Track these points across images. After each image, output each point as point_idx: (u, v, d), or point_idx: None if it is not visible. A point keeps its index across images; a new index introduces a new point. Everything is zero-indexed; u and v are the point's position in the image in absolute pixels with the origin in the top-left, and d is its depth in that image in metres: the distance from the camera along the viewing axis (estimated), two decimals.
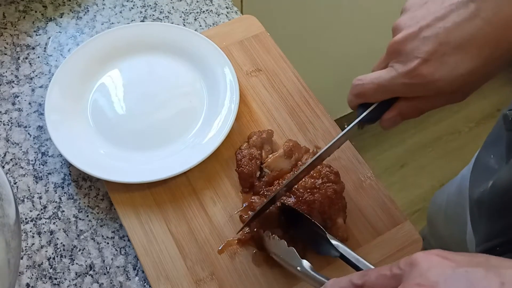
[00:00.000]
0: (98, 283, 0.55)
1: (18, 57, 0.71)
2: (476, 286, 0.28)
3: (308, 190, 0.54)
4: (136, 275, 0.56)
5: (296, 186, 0.55)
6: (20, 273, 0.55)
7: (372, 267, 0.44)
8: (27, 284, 0.55)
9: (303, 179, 0.55)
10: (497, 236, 0.53)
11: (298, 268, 0.46)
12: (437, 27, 0.41)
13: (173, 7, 0.77)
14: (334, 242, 0.48)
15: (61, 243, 0.57)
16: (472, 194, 0.61)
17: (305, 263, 0.45)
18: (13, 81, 0.69)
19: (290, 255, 0.47)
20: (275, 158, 0.59)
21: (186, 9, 0.77)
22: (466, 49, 0.40)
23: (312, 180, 0.55)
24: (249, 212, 0.57)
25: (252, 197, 0.58)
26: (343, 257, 0.47)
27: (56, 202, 0.60)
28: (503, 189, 0.51)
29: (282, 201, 0.54)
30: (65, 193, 0.61)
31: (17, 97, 0.68)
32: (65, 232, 0.58)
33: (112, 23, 0.75)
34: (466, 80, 0.41)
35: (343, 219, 0.56)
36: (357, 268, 0.45)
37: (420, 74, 0.41)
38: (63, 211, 0.59)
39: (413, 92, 0.44)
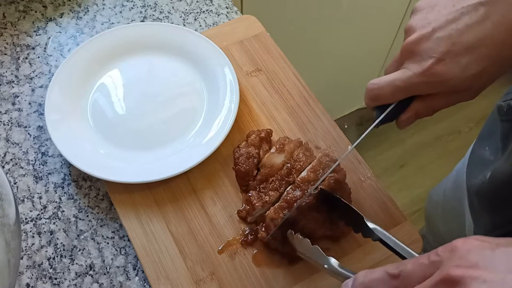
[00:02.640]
0: (98, 283, 0.55)
1: (18, 57, 0.71)
2: None
3: (312, 183, 0.54)
4: (136, 275, 0.56)
5: (299, 179, 0.55)
6: (20, 273, 0.55)
7: (411, 250, 0.44)
8: (27, 284, 0.55)
9: (307, 173, 0.55)
10: (502, 226, 0.53)
11: (325, 265, 0.46)
12: (450, 29, 0.43)
13: (173, 7, 0.77)
14: (371, 225, 0.48)
15: (61, 243, 0.57)
16: (470, 186, 0.61)
17: (333, 261, 0.45)
18: (13, 81, 0.69)
19: (315, 253, 0.48)
20: (268, 156, 0.59)
21: (186, 9, 0.77)
22: (477, 50, 0.42)
23: (314, 173, 0.55)
24: (246, 207, 0.57)
25: (250, 192, 0.58)
26: (382, 240, 0.47)
27: (56, 202, 0.60)
28: (502, 181, 0.52)
29: (320, 187, 0.54)
30: (65, 193, 0.61)
31: (17, 97, 0.68)
32: (65, 232, 0.58)
33: (112, 23, 0.75)
34: (476, 79, 0.43)
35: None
36: (395, 252, 0.46)
37: (436, 73, 0.43)
38: (63, 211, 0.59)
39: (429, 90, 0.45)
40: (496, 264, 0.29)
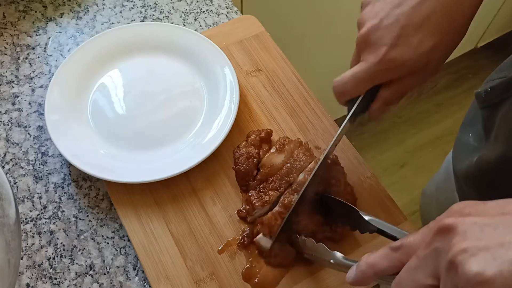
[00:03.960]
0: (98, 283, 0.55)
1: (18, 57, 0.71)
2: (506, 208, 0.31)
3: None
4: (136, 275, 0.56)
5: (297, 183, 0.56)
6: (20, 273, 0.55)
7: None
8: (27, 284, 0.55)
9: (304, 176, 0.56)
10: None
11: (331, 261, 0.47)
12: (396, 14, 0.46)
13: (173, 7, 0.77)
14: (367, 217, 0.49)
15: (61, 243, 0.57)
16: (457, 171, 0.63)
17: (338, 254, 0.46)
18: (13, 81, 0.69)
19: (320, 250, 0.49)
20: (268, 156, 0.59)
21: (186, 9, 0.77)
22: (425, 28, 0.45)
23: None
24: (246, 206, 0.57)
25: (250, 192, 0.58)
26: (380, 231, 0.48)
27: (56, 202, 0.60)
28: (487, 166, 0.54)
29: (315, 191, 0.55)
30: (65, 193, 0.61)
31: (17, 97, 0.68)
32: (65, 232, 0.58)
33: (112, 23, 0.75)
34: (431, 54, 0.46)
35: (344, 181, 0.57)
36: (395, 239, 0.47)
37: (391, 59, 0.46)
38: (63, 211, 0.59)
39: (390, 76, 0.48)
40: (488, 211, 0.31)
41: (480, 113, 0.59)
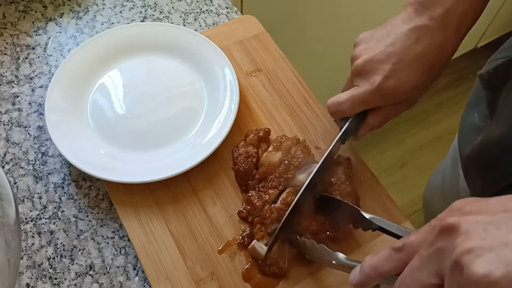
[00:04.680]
0: (98, 283, 0.55)
1: (18, 57, 0.71)
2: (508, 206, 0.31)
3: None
4: (136, 275, 0.56)
5: (298, 184, 0.56)
6: (20, 273, 0.55)
7: (411, 230, 0.45)
8: (27, 284, 0.55)
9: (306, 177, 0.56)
10: (492, 186, 0.56)
11: (333, 261, 0.47)
12: (389, 52, 0.53)
13: (173, 7, 0.77)
14: (368, 216, 0.50)
15: (61, 243, 0.57)
16: (463, 153, 0.64)
17: (340, 255, 0.47)
18: (13, 81, 0.69)
19: (322, 251, 0.49)
20: (266, 155, 0.59)
21: (186, 9, 0.77)
22: (414, 67, 0.52)
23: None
24: (246, 206, 0.57)
25: (250, 192, 0.58)
26: (381, 228, 0.49)
27: (56, 202, 0.60)
28: (491, 144, 0.56)
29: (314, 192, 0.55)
30: (65, 193, 0.61)
31: (17, 97, 0.68)
32: (65, 232, 0.58)
33: (112, 23, 0.75)
34: (414, 90, 0.54)
35: (347, 176, 0.58)
36: (397, 236, 0.47)
37: (385, 87, 0.53)
38: (63, 211, 0.59)
39: (380, 102, 0.55)
40: (489, 208, 0.31)
41: (483, 94, 0.60)
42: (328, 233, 0.55)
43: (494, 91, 0.57)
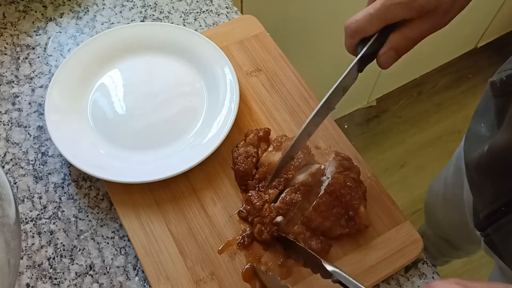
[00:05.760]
0: (98, 283, 0.55)
1: (18, 57, 0.71)
2: None
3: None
4: (136, 275, 0.56)
5: (299, 183, 0.56)
6: (20, 273, 0.55)
7: None
8: (27, 284, 0.55)
9: (307, 177, 0.56)
10: (500, 197, 0.55)
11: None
12: None
13: (173, 7, 0.77)
14: (330, 268, 0.48)
15: (61, 243, 0.57)
16: (469, 162, 0.63)
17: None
18: (13, 81, 0.69)
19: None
20: (266, 155, 0.59)
21: (186, 9, 0.77)
22: None
23: (314, 177, 0.56)
24: (246, 206, 0.57)
25: (250, 191, 0.58)
26: (340, 282, 0.47)
27: (56, 202, 0.60)
28: (499, 154, 0.54)
29: (275, 231, 0.55)
30: (65, 193, 0.61)
31: (17, 97, 0.68)
32: (65, 232, 0.58)
33: (112, 23, 0.75)
34: None
35: (364, 206, 0.56)
36: None
37: None
38: (63, 211, 0.59)
39: (400, 11, 0.47)
40: None
41: (493, 102, 0.59)
42: (342, 229, 0.55)
43: (504, 99, 0.56)
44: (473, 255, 1.13)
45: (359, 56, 0.49)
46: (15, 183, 0.61)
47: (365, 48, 0.49)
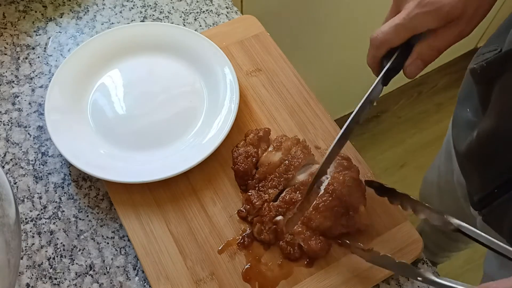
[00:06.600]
0: (98, 283, 0.55)
1: (18, 57, 0.71)
2: None
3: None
4: (136, 275, 0.56)
5: (299, 183, 0.56)
6: (20, 273, 0.55)
7: None
8: (27, 284, 0.55)
9: (307, 176, 0.56)
10: (492, 181, 0.55)
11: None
12: None
13: (173, 7, 0.77)
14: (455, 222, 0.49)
15: (61, 243, 0.57)
16: (459, 149, 0.63)
17: None
18: (13, 81, 0.69)
19: None
20: (266, 155, 0.59)
21: (186, 9, 0.77)
22: None
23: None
24: (246, 206, 0.57)
25: (249, 191, 0.58)
26: (465, 234, 0.49)
27: (56, 202, 0.60)
28: (488, 138, 0.54)
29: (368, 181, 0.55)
30: (65, 193, 0.61)
31: (17, 97, 0.68)
32: (65, 232, 0.58)
33: (112, 23, 0.75)
34: (467, 3, 0.46)
35: (364, 205, 0.56)
36: None
37: (430, 2, 0.46)
38: (63, 211, 0.59)
39: (426, 21, 0.47)
40: None
41: (475, 89, 0.59)
42: (342, 228, 0.55)
43: (486, 85, 0.55)
44: (472, 244, 1.13)
45: (385, 68, 0.50)
46: (15, 183, 0.61)
47: (391, 60, 0.49)
